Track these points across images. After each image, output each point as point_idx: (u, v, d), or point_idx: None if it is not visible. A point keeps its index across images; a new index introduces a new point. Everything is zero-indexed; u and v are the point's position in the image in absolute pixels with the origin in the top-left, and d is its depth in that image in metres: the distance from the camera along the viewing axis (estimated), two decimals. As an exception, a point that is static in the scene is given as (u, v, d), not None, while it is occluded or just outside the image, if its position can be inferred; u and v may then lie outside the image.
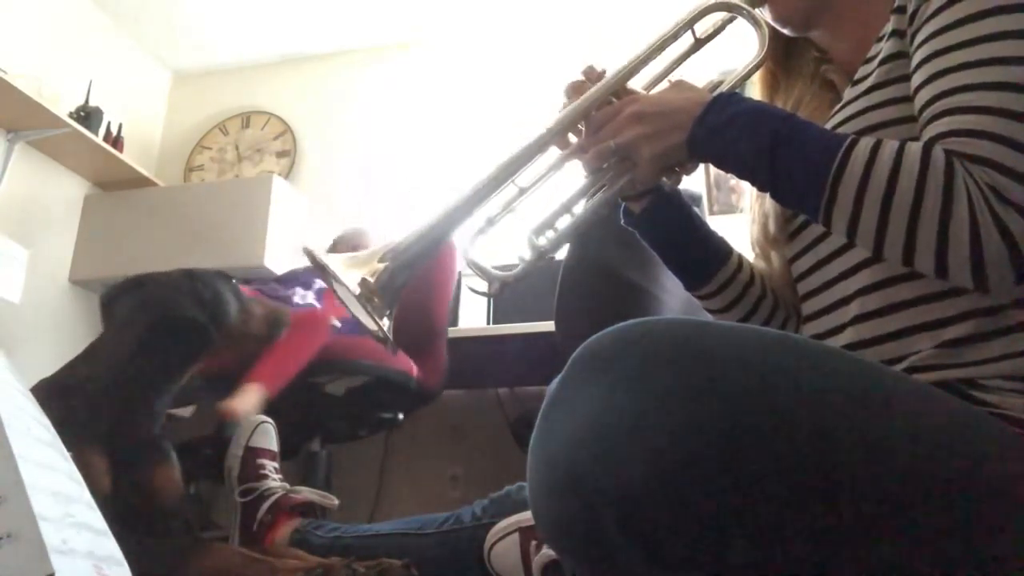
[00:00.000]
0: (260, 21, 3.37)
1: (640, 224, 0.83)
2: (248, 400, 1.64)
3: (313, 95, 3.51)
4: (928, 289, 0.61)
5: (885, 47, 0.66)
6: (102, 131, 2.99)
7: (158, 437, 1.11)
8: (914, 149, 0.56)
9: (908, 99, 0.63)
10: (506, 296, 0.70)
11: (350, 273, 0.65)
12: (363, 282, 0.64)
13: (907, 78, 0.63)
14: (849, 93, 0.70)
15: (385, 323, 0.65)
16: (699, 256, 0.85)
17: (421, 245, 0.67)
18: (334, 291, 0.70)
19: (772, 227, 0.79)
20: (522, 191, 0.72)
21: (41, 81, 2.70)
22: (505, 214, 0.72)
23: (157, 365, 1.10)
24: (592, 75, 0.76)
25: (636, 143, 0.69)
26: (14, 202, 2.74)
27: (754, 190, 0.82)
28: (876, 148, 0.57)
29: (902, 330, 0.62)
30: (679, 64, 0.81)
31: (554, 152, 0.75)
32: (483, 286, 0.71)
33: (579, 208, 0.73)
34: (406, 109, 3.39)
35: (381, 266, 0.65)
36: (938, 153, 0.55)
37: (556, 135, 0.74)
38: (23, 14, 2.85)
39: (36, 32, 2.90)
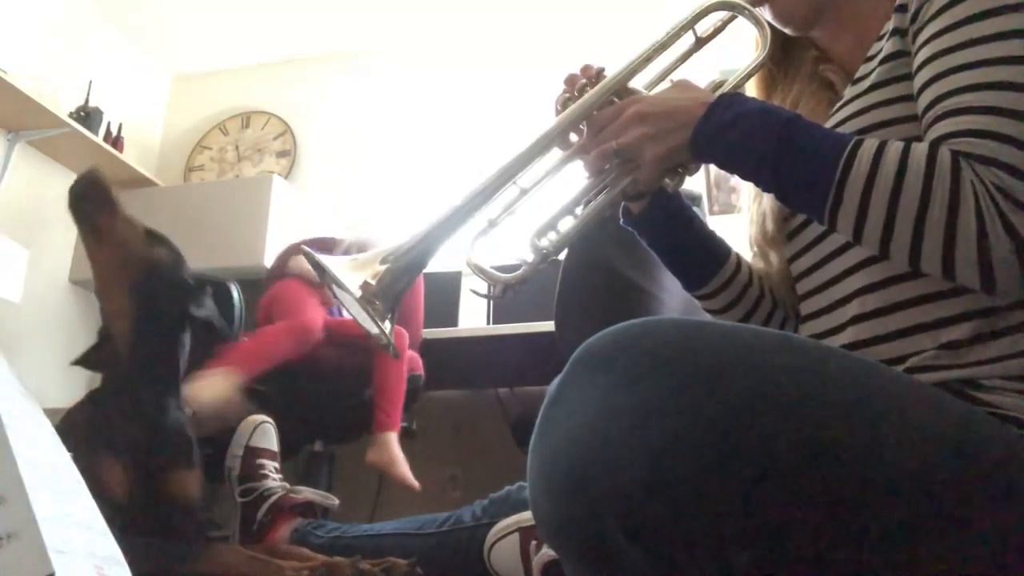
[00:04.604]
0: (260, 21, 3.37)
1: (639, 224, 0.83)
2: (215, 387, 1.50)
3: (313, 95, 3.51)
4: (928, 289, 0.61)
5: (886, 46, 0.66)
6: (102, 131, 2.99)
7: (187, 440, 1.10)
8: (920, 149, 0.56)
9: (909, 98, 0.63)
10: (507, 297, 0.69)
11: (351, 276, 0.63)
12: (364, 285, 0.62)
13: (908, 77, 0.63)
14: (849, 92, 0.70)
15: (387, 326, 0.64)
16: (698, 257, 0.84)
17: (422, 247, 0.66)
18: (334, 294, 0.69)
19: (770, 226, 0.78)
20: (523, 192, 0.72)
21: (41, 81, 2.70)
22: (506, 216, 0.71)
23: (155, 336, 1.09)
24: (588, 73, 0.76)
25: (639, 144, 0.68)
26: (14, 202, 2.74)
27: (752, 189, 0.82)
28: (881, 149, 0.56)
29: (901, 330, 0.62)
30: (680, 63, 0.80)
31: (556, 153, 0.75)
32: (483, 287, 0.70)
33: (581, 209, 0.72)
34: (406, 109, 3.39)
35: (383, 268, 0.64)
36: (944, 153, 0.55)
37: (558, 136, 0.73)
38: (23, 14, 2.84)
39: (36, 32, 2.90)
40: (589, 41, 3.05)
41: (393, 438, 1.83)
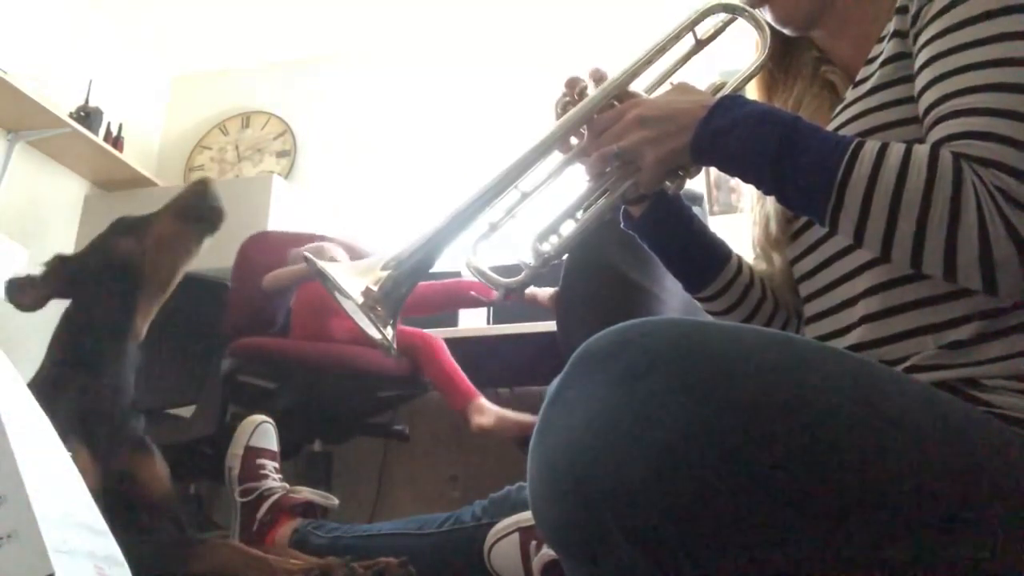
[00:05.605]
0: (260, 21, 3.37)
1: (640, 227, 0.83)
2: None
3: (313, 95, 3.51)
4: (932, 291, 0.61)
5: (887, 48, 0.66)
6: (102, 131, 2.99)
7: (139, 435, 1.13)
8: (921, 152, 0.56)
9: (910, 100, 0.63)
10: (507, 300, 0.69)
11: (353, 282, 0.63)
12: (366, 291, 0.62)
13: (909, 79, 0.63)
14: (850, 95, 0.70)
15: (388, 332, 0.64)
16: (699, 259, 0.84)
17: (424, 252, 0.66)
18: (336, 300, 0.68)
19: (774, 228, 0.78)
20: (525, 196, 0.72)
21: (41, 81, 2.70)
22: (508, 219, 0.71)
23: (106, 308, 1.17)
24: (596, 76, 0.76)
25: (639, 147, 0.68)
26: (14, 202, 2.74)
27: (755, 191, 0.82)
28: (883, 151, 0.56)
29: (906, 332, 0.62)
30: (680, 66, 0.80)
31: (556, 156, 0.75)
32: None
33: (582, 213, 0.72)
34: (406, 109, 3.39)
35: (384, 274, 0.63)
36: (946, 155, 0.55)
37: (559, 139, 0.73)
38: (23, 14, 2.84)
39: (36, 32, 2.90)
40: (589, 41, 3.05)
41: (483, 402, 1.98)
